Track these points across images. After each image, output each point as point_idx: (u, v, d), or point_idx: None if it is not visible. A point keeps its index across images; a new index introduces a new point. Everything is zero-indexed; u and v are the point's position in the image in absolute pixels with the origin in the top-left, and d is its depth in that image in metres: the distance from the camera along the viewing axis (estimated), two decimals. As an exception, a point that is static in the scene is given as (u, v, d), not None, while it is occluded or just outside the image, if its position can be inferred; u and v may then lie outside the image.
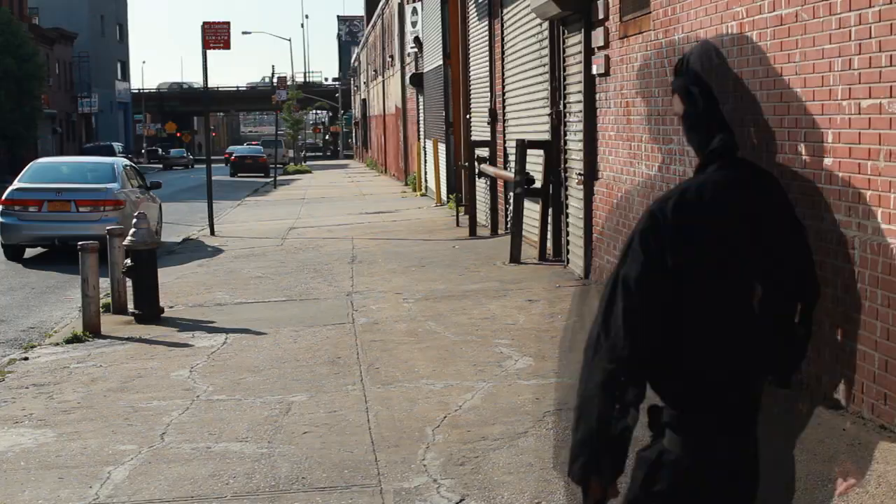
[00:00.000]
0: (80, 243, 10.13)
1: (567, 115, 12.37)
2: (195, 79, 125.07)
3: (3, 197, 16.83)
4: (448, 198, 23.91)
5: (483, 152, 18.47)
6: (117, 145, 61.48)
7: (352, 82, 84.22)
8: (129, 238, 10.57)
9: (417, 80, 30.25)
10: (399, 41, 36.47)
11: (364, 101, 66.84)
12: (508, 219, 16.37)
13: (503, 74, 16.54)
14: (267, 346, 9.02)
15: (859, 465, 5.30)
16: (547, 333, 8.91)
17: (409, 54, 32.99)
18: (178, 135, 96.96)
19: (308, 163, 73.46)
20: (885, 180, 5.59)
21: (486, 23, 17.87)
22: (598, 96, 11.11)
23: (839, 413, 6.11)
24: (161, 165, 73.51)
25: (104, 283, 10.83)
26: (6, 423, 6.84)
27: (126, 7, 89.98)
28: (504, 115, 16.75)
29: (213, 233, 20.61)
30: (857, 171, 5.87)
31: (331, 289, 12.19)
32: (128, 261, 10.53)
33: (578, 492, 2.81)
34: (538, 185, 13.38)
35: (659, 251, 2.81)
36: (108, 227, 11.58)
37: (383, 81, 47.80)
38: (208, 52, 21.50)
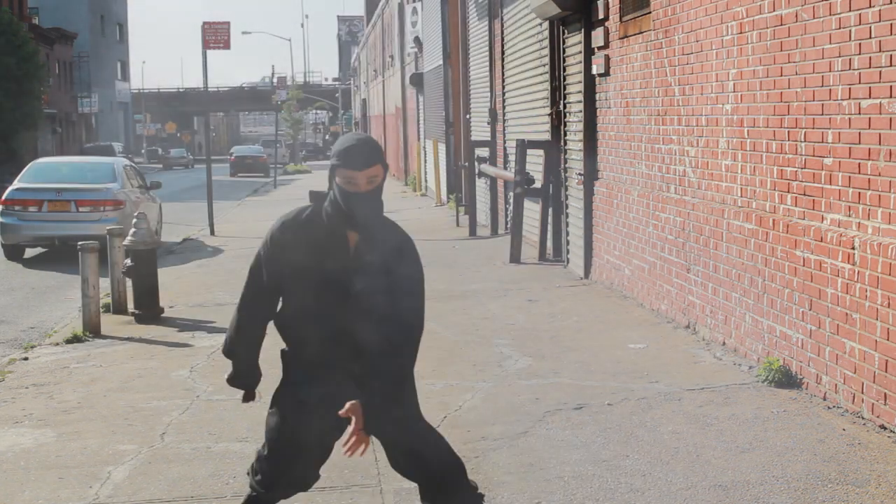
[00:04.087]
0: (80, 243, 10.12)
1: (567, 115, 12.37)
2: (195, 84, 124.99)
3: (3, 197, 16.80)
4: (448, 198, 23.92)
5: (483, 152, 18.48)
6: (117, 145, 61.43)
7: (352, 82, 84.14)
8: (129, 238, 10.56)
9: (417, 80, 30.25)
10: (399, 41, 36.46)
11: (364, 101, 66.79)
12: (508, 219, 16.37)
13: (503, 74, 16.54)
14: (267, 346, 9.00)
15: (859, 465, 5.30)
16: (547, 333, 8.91)
17: (409, 54, 32.99)
18: (179, 135, 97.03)
19: (307, 163, 73.40)
20: (885, 180, 5.59)
21: (486, 23, 17.87)
22: (598, 96, 11.11)
23: (839, 413, 6.11)
24: (161, 165, 73.50)
25: (104, 283, 10.82)
26: (6, 423, 6.83)
27: (126, 7, 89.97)
28: (504, 115, 16.76)
29: (213, 233, 20.61)
30: (857, 171, 5.87)
31: (331, 289, 12.15)
32: (128, 261, 10.52)
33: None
34: (538, 185, 13.39)
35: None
36: (108, 227, 11.57)
37: (383, 81, 47.79)
38: (208, 52, 21.52)
